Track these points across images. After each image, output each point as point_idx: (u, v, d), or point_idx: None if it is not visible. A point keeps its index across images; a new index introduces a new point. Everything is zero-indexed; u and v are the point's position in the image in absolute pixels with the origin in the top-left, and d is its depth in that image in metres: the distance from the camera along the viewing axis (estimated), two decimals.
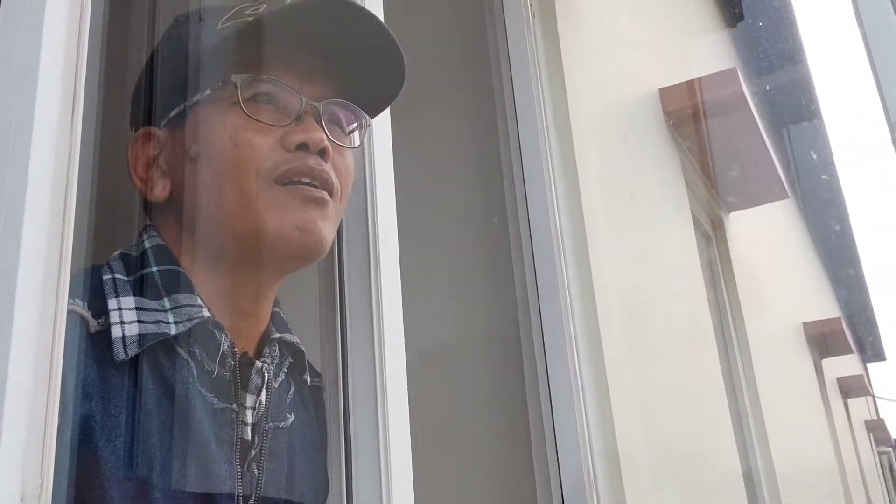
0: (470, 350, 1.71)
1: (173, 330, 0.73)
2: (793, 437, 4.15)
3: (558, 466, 1.45)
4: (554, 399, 1.48)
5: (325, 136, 0.79)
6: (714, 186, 3.27)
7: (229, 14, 0.82)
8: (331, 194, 0.80)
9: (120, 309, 0.72)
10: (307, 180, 0.78)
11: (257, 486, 0.78)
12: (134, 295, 0.74)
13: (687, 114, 2.74)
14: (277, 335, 0.84)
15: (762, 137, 3.03)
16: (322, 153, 0.79)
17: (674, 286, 2.48)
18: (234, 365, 0.77)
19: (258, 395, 0.78)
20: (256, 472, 0.78)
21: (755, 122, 2.92)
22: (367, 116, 0.87)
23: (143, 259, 0.78)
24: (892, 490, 10.91)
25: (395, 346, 0.94)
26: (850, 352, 6.69)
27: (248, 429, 0.77)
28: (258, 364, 0.79)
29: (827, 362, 6.66)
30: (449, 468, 1.59)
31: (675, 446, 2.00)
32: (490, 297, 1.71)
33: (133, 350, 0.70)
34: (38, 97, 0.56)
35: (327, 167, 0.79)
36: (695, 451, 2.19)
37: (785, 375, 4.60)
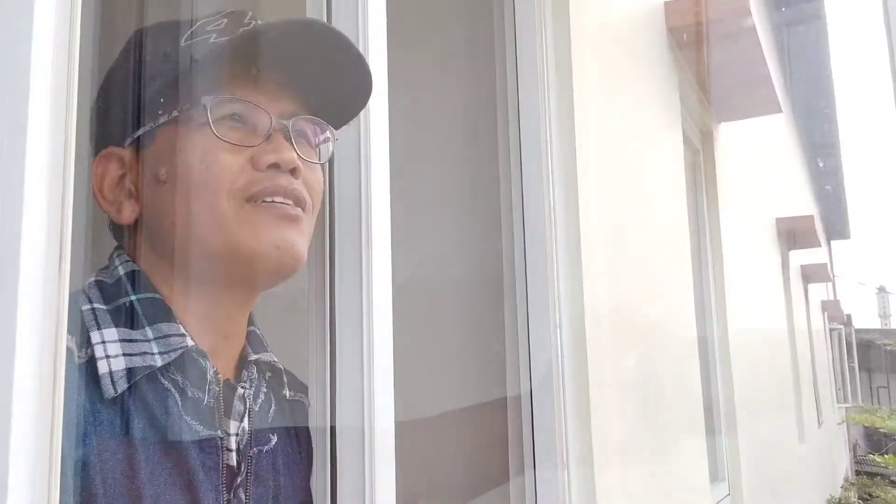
0: (450, 235, 1.78)
1: (159, 362, 0.73)
2: (751, 313, 4.44)
3: (528, 337, 1.55)
4: (529, 278, 1.57)
5: (295, 155, 0.79)
6: (708, 100, 3.34)
7: (192, 30, 0.82)
8: (303, 210, 0.81)
9: (104, 342, 0.72)
10: (280, 199, 0.79)
11: None
12: (116, 326, 0.74)
13: (690, 29, 2.76)
14: (254, 356, 0.85)
15: (763, 57, 3.07)
16: (293, 172, 0.79)
17: (656, 189, 2.59)
18: (219, 392, 0.78)
19: (241, 421, 0.80)
20: (244, 497, 0.79)
21: (758, 42, 2.94)
22: (333, 131, 0.88)
23: (119, 286, 0.77)
24: (837, 360, 11.62)
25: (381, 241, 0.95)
26: (818, 245, 6.97)
27: (233, 455, 0.78)
28: (240, 391, 0.80)
29: (794, 253, 6.97)
30: (424, 358, 1.65)
31: (639, 316, 2.17)
32: (472, 178, 1.78)
33: (122, 386, 0.70)
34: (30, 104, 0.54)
35: (298, 184, 0.80)
36: (656, 320, 2.38)
37: (751, 262, 4.85)
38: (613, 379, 1.81)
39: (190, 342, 0.76)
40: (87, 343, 0.72)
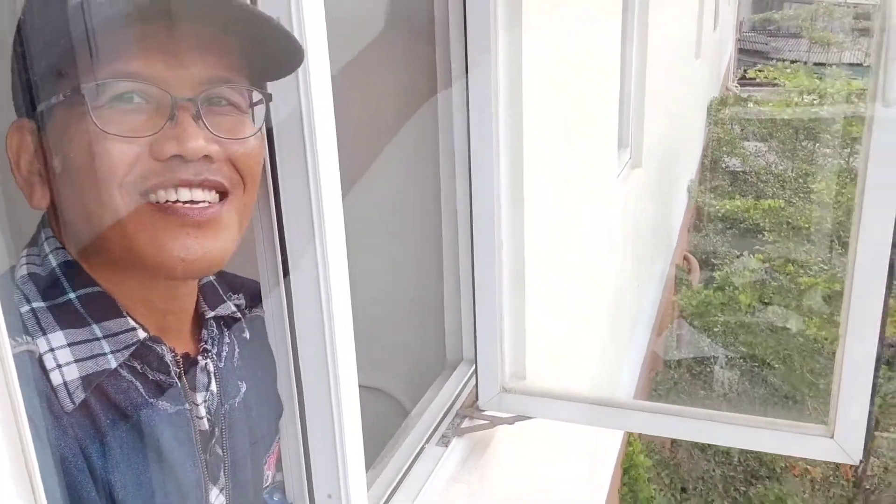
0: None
1: (113, 362, 0.70)
2: None
3: None
4: None
5: (202, 143, 0.67)
6: None
7: None
8: (226, 194, 0.71)
9: (52, 350, 0.67)
10: (186, 195, 0.68)
11: (223, 465, 0.81)
12: (61, 328, 0.68)
13: None
14: (212, 313, 0.82)
15: None
16: (206, 159, 0.68)
17: None
18: (180, 372, 0.76)
19: (207, 389, 0.79)
20: (221, 452, 0.80)
21: None
22: (264, 93, 0.75)
23: (55, 280, 0.71)
24: None
25: None
26: None
27: (204, 421, 0.78)
28: (201, 362, 0.79)
29: None
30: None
31: None
32: None
33: (79, 396, 0.67)
34: None
35: (214, 169, 0.69)
36: None
37: None
38: None
39: (141, 334, 0.72)
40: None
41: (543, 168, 1.90)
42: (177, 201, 0.68)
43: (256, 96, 0.75)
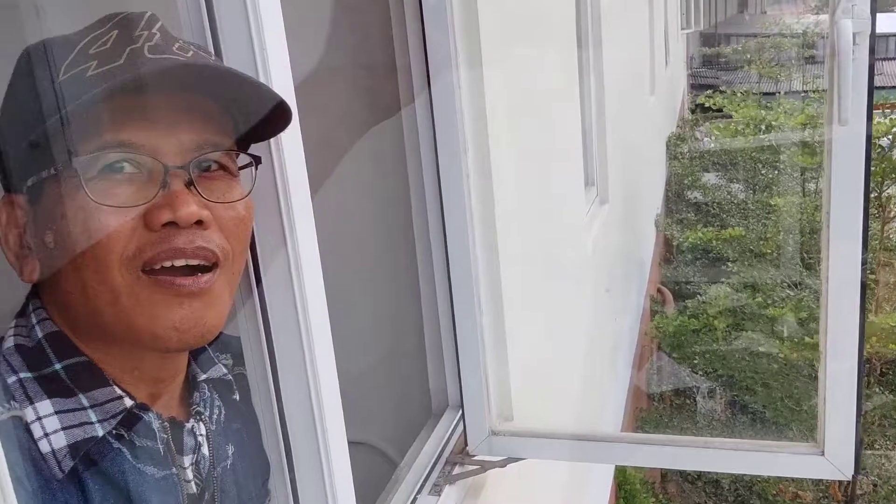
0: None
1: (100, 431, 0.70)
2: None
3: None
4: None
5: (195, 208, 0.68)
6: None
7: (71, 58, 0.68)
8: (217, 263, 0.71)
9: (40, 419, 0.68)
10: (181, 262, 0.69)
11: None
12: (48, 397, 0.69)
13: None
14: (204, 376, 0.83)
15: None
16: (199, 224, 0.69)
17: None
18: (167, 437, 0.76)
19: (195, 453, 0.78)
20: None
21: None
22: (253, 156, 0.76)
23: (42, 352, 0.71)
24: None
25: None
26: None
27: (192, 484, 0.78)
28: (188, 426, 0.78)
29: None
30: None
31: None
32: None
33: (68, 464, 0.68)
34: None
35: (206, 236, 0.70)
36: None
37: None
38: None
39: (128, 402, 0.72)
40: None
41: (515, 210, 1.92)
42: (172, 267, 0.69)
43: (245, 159, 0.76)
